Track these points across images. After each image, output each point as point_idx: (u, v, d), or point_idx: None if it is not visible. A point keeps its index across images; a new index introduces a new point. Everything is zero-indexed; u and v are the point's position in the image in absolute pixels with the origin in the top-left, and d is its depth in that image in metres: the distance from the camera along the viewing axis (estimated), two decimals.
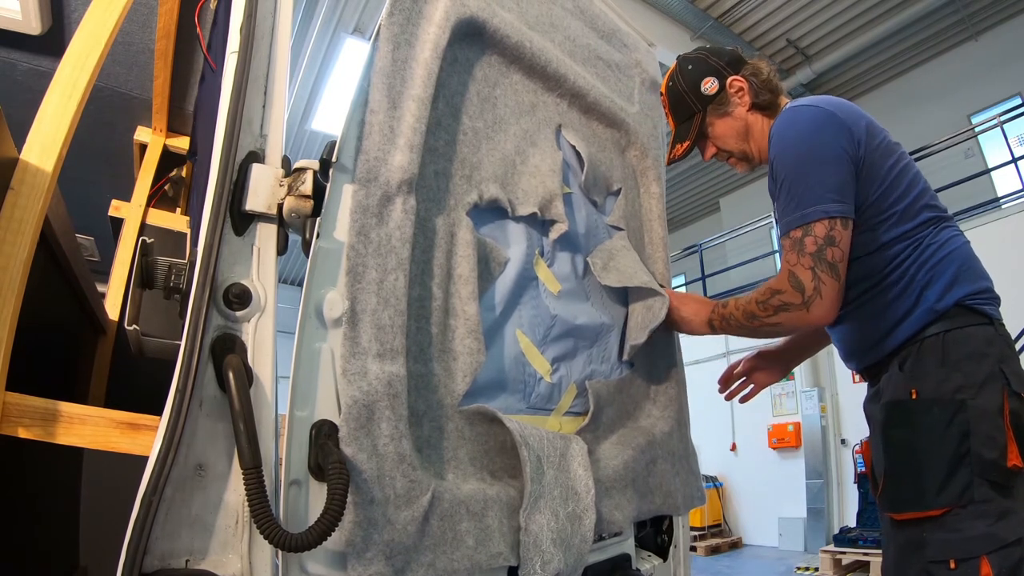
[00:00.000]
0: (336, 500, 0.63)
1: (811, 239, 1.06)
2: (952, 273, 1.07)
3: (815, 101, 1.14)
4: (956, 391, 1.01)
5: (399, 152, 0.85)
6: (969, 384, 1.01)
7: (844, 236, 1.06)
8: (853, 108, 1.15)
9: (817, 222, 1.05)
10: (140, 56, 1.73)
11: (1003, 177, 6.76)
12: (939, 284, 1.07)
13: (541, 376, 1.10)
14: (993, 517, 0.96)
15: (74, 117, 0.81)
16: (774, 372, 1.44)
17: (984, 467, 0.97)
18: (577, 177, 1.25)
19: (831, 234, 1.05)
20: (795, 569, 5.91)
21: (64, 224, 1.10)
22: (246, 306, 0.71)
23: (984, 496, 0.97)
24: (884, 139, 1.13)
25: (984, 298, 1.08)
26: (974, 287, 1.08)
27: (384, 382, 0.77)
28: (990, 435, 0.98)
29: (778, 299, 1.09)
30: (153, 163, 1.94)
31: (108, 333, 1.67)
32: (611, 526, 1.07)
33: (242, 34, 0.77)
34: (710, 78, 1.27)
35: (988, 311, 1.07)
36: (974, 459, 0.97)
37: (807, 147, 1.09)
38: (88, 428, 0.72)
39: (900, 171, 1.11)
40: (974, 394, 1.00)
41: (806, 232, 1.06)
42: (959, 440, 0.99)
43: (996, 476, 0.97)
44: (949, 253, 1.09)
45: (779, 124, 1.15)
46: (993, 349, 1.03)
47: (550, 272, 1.16)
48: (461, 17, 0.97)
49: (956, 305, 1.06)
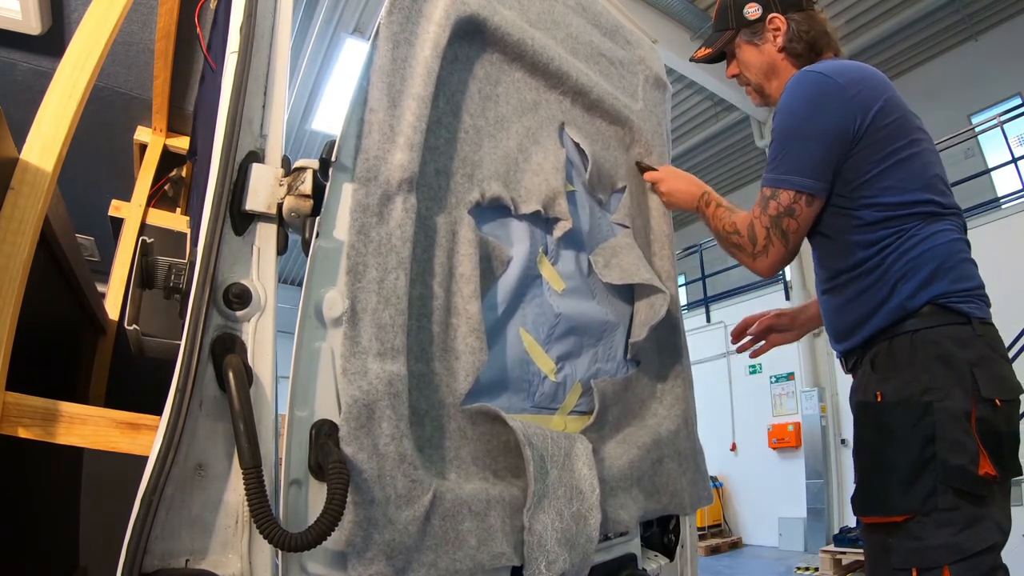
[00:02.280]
0: (336, 500, 0.62)
1: (775, 203, 1.11)
2: (930, 270, 1.03)
3: (831, 69, 1.11)
4: (922, 393, 0.98)
5: (399, 151, 0.85)
6: (936, 386, 0.97)
7: (805, 212, 1.10)
8: (873, 82, 1.11)
9: (784, 191, 1.10)
10: (140, 56, 1.73)
11: (1003, 177, 6.77)
12: (915, 279, 1.04)
13: (545, 375, 1.10)
14: (958, 526, 0.92)
15: (74, 117, 0.81)
16: (789, 335, 1.47)
17: (950, 473, 0.93)
18: (580, 175, 1.24)
19: (792, 206, 1.10)
20: (795, 569, 5.91)
21: (64, 224, 1.10)
22: (246, 306, 0.71)
23: (949, 504, 0.92)
24: (901, 120, 1.09)
25: (962, 296, 1.03)
26: (953, 286, 1.03)
27: (385, 381, 0.77)
28: (958, 440, 0.94)
29: (735, 239, 1.20)
30: (153, 163, 1.94)
31: (108, 333, 1.67)
32: (617, 526, 1.07)
33: (242, 34, 0.77)
34: (756, 4, 1.27)
35: (966, 309, 1.02)
36: (939, 465, 0.94)
37: (798, 120, 1.11)
38: (88, 428, 0.72)
39: (907, 156, 1.07)
40: (942, 397, 0.96)
41: (773, 195, 1.12)
42: (923, 444, 0.95)
43: (963, 484, 0.93)
44: (933, 248, 1.05)
45: (789, 85, 1.15)
46: (966, 352, 0.99)
47: (554, 270, 1.15)
48: (461, 15, 0.97)
49: (930, 303, 1.02)
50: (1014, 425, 1.00)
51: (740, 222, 1.19)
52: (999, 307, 1.11)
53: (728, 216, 1.24)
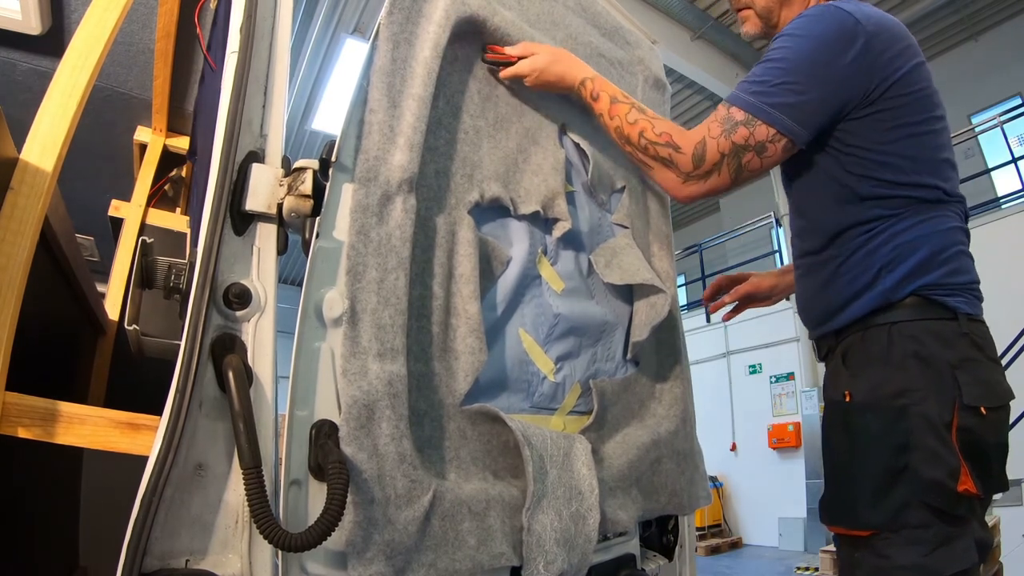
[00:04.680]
0: (336, 500, 0.62)
1: (745, 132, 0.93)
2: (921, 258, 0.92)
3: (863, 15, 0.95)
4: (897, 395, 0.87)
5: (399, 151, 0.85)
6: (913, 388, 0.87)
7: (777, 156, 0.95)
8: (907, 43, 0.96)
9: (764, 124, 0.93)
10: (140, 56, 1.73)
11: (1003, 177, 6.76)
12: (901, 268, 0.92)
13: (544, 375, 1.10)
14: (929, 545, 0.83)
15: (74, 117, 0.81)
16: (763, 303, 1.37)
17: (923, 488, 0.84)
18: (580, 175, 1.24)
19: (767, 144, 0.93)
20: (795, 569, 5.91)
21: (64, 224, 1.10)
22: (246, 306, 0.71)
23: (920, 520, 0.83)
24: (926, 92, 0.96)
25: (951, 289, 0.92)
26: (944, 279, 0.92)
27: (384, 381, 0.77)
28: (934, 451, 0.84)
29: (669, 151, 0.98)
30: (153, 163, 1.94)
31: (108, 333, 1.67)
32: (616, 526, 1.06)
33: (242, 34, 0.77)
34: None
35: (952, 303, 0.91)
36: (912, 477, 0.84)
37: (809, 55, 0.93)
38: (88, 428, 0.72)
39: (923, 133, 0.95)
40: (918, 400, 0.86)
41: (748, 123, 0.94)
42: (895, 453, 0.85)
43: (938, 500, 0.83)
44: (928, 235, 0.93)
45: (809, 13, 0.99)
46: (948, 351, 0.88)
47: (554, 271, 1.16)
48: (461, 15, 0.97)
49: (914, 294, 0.91)
50: (1002, 435, 0.90)
51: (679, 135, 0.99)
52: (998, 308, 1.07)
53: (643, 118, 1.02)
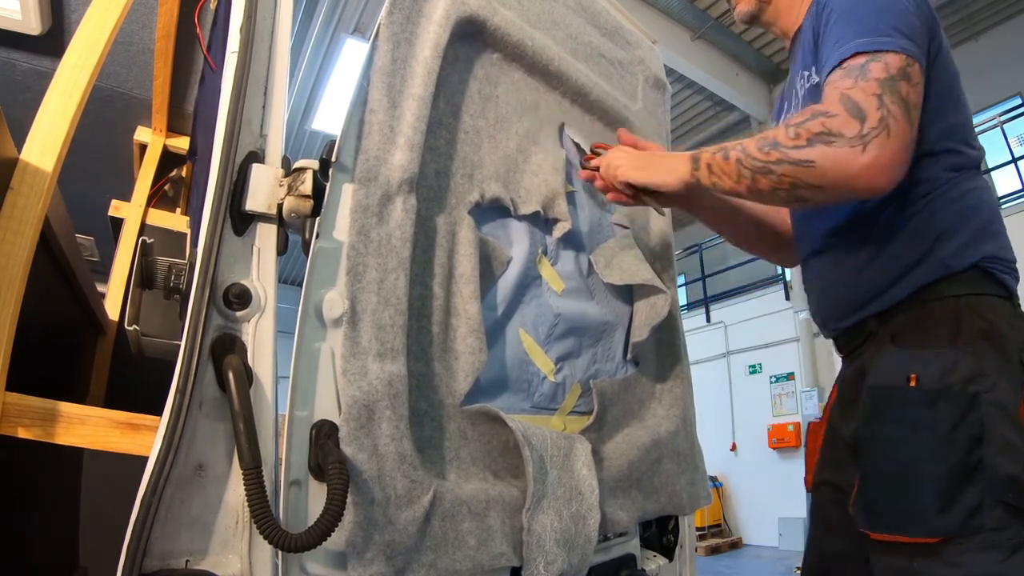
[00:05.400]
0: (336, 500, 0.62)
1: (880, 65, 0.77)
2: (979, 225, 0.83)
3: None
4: (968, 381, 0.76)
5: (399, 151, 0.85)
6: (983, 373, 0.77)
7: (919, 81, 0.79)
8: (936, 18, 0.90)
9: (891, 52, 0.78)
10: (140, 56, 1.73)
11: (1003, 177, 6.76)
12: (962, 234, 0.82)
13: (545, 375, 1.10)
14: (1006, 551, 0.73)
15: (74, 117, 0.81)
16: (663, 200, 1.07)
17: (1000, 485, 0.74)
18: None
19: (908, 70, 0.77)
20: (795, 569, 5.90)
21: (64, 224, 1.10)
22: (246, 306, 0.71)
23: (997, 523, 0.73)
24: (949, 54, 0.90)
25: (1009, 266, 0.85)
26: (1002, 252, 0.84)
27: (385, 382, 0.77)
28: (1009, 443, 0.74)
29: (821, 122, 0.76)
30: (153, 163, 1.94)
31: (108, 333, 1.67)
32: (616, 526, 1.07)
33: (242, 34, 0.77)
34: None
35: (1011, 284, 0.83)
36: (988, 473, 0.74)
37: None
38: (88, 428, 0.72)
39: (958, 97, 0.89)
40: (989, 387, 0.76)
41: (873, 58, 0.78)
42: (969, 447, 0.75)
43: (1017, 498, 0.73)
44: (983, 203, 0.85)
45: None
46: (1014, 333, 0.80)
47: (554, 271, 1.16)
48: (462, 15, 0.97)
49: (976, 267, 0.82)
50: None
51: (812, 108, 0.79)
52: None
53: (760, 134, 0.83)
